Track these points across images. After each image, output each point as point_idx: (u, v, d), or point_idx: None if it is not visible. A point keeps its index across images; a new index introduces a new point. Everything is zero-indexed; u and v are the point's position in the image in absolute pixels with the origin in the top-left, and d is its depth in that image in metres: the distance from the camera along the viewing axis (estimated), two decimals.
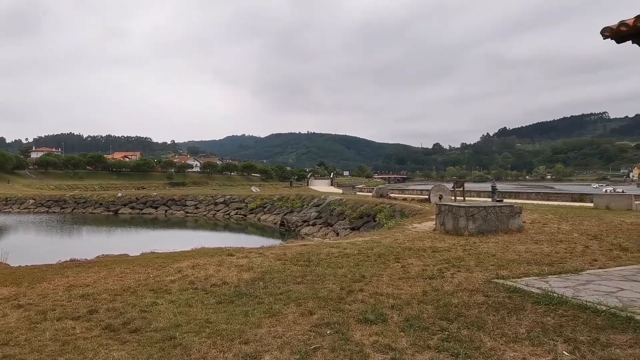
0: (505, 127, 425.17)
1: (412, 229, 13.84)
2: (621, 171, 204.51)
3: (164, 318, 4.86)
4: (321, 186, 72.27)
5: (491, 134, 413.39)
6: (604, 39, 6.42)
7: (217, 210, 46.96)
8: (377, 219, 24.66)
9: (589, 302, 5.03)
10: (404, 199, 30.09)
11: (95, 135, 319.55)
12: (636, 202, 19.64)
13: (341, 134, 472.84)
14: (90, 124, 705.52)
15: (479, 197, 34.90)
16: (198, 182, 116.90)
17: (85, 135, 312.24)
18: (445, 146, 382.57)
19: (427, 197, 27.41)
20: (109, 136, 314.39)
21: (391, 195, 34.89)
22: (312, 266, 7.66)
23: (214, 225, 40.89)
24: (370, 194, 39.19)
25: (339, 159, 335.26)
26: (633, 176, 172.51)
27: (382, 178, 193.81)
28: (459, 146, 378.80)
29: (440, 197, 24.60)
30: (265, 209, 43.70)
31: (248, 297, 5.70)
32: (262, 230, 36.60)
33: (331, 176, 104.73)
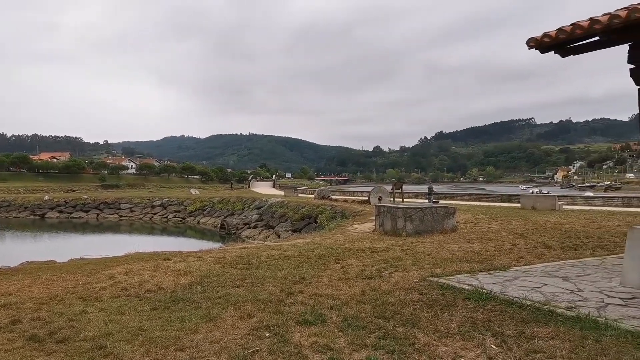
0: (442, 131, 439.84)
1: (353, 230, 14.06)
2: (546, 173, 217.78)
3: (93, 327, 4.63)
4: (263, 188, 71.54)
5: (429, 138, 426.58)
6: (529, 49, 6.83)
7: (155, 214, 45.38)
8: (318, 220, 24.83)
9: (515, 297, 5.33)
10: (345, 201, 30.49)
11: (21, 134, 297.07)
12: (559, 203, 20.99)
13: (283, 135, 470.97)
14: (14, 123, 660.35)
15: (417, 198, 35.98)
16: (134, 184, 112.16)
17: (9, 135, 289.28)
18: (385, 149, 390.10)
19: (367, 198, 27.89)
20: (35, 135, 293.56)
21: (332, 197, 35.22)
22: (252, 269, 7.59)
23: (150, 229, 39.52)
24: (312, 195, 39.38)
25: (282, 160, 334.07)
26: (557, 178, 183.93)
27: (324, 180, 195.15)
28: (398, 149, 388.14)
29: (380, 199, 25.12)
30: (205, 212, 42.78)
31: (185, 302, 5.55)
32: (201, 233, 35.81)
33: (273, 178, 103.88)
